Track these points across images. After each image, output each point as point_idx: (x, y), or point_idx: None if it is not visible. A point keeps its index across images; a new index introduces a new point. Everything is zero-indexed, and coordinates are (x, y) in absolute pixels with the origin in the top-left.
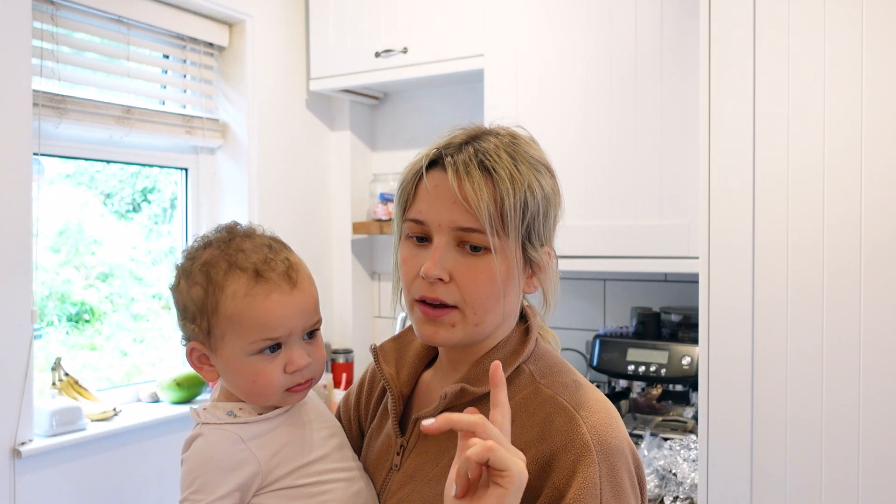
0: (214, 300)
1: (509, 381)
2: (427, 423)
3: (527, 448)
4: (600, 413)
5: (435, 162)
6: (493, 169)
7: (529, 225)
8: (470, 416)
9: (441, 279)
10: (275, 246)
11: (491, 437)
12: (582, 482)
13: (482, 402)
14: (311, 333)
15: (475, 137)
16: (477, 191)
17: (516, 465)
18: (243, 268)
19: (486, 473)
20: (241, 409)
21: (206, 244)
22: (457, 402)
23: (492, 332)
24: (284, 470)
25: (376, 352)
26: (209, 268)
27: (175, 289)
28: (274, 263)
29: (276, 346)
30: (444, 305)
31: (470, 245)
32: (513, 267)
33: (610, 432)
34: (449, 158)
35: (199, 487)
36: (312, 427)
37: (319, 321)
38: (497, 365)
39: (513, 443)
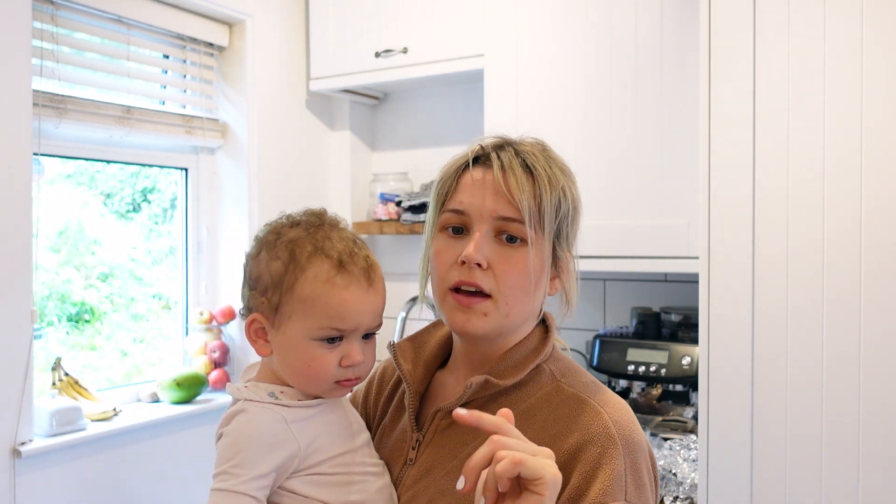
0: (293, 278)
1: (530, 378)
2: (461, 411)
3: (550, 443)
4: (623, 410)
5: (476, 160)
6: (534, 167)
7: (560, 224)
8: (495, 417)
9: (479, 265)
10: (359, 242)
11: (511, 439)
12: (609, 474)
13: (504, 396)
14: (369, 335)
15: (510, 142)
16: (520, 185)
17: (548, 470)
18: (328, 254)
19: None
20: (282, 392)
21: (294, 223)
22: (479, 394)
23: (517, 328)
24: (320, 457)
25: (395, 349)
26: (294, 246)
27: (254, 258)
28: (357, 258)
29: (337, 338)
30: (478, 293)
31: (507, 236)
32: (545, 262)
33: (633, 428)
34: (493, 154)
35: (241, 462)
36: (347, 420)
37: (380, 325)
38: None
39: (534, 439)
